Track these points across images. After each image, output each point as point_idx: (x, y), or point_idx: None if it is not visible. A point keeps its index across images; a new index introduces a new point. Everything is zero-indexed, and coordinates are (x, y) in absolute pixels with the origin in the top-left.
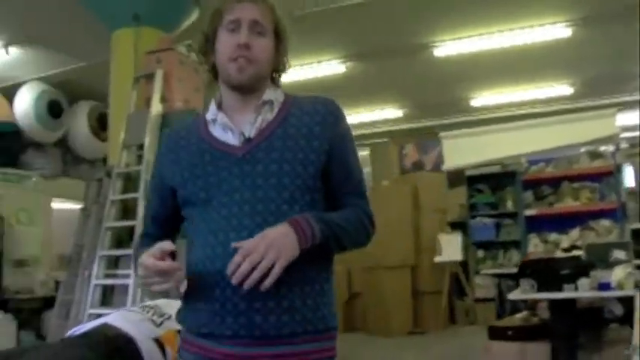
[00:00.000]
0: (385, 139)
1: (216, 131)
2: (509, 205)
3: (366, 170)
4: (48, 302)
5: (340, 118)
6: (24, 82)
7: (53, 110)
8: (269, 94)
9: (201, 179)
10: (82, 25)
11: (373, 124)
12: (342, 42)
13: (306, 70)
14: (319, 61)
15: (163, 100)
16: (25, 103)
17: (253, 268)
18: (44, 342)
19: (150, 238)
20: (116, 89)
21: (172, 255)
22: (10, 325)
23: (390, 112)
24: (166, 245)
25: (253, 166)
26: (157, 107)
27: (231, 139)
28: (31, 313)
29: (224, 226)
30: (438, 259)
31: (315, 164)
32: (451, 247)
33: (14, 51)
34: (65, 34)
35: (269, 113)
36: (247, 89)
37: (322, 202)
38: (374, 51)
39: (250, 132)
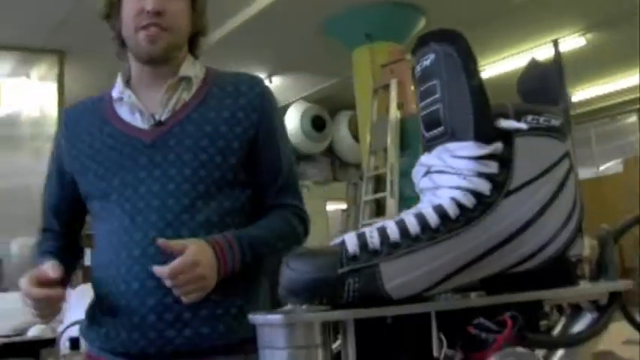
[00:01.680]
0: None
1: (123, 112)
2: None
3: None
4: None
5: (268, 99)
6: (290, 104)
7: (317, 124)
8: (186, 68)
9: (102, 167)
10: (326, 49)
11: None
12: (581, 14)
13: (545, 50)
14: (557, 38)
15: (400, 106)
16: (293, 122)
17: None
18: None
19: (52, 233)
20: (360, 100)
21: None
22: None
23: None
24: (50, 271)
25: (164, 155)
26: (394, 113)
27: (140, 122)
28: None
29: (127, 226)
30: None
31: (237, 154)
32: None
33: (276, 79)
34: (314, 58)
35: (185, 92)
36: (160, 62)
37: (244, 198)
38: (613, 18)
39: (162, 115)
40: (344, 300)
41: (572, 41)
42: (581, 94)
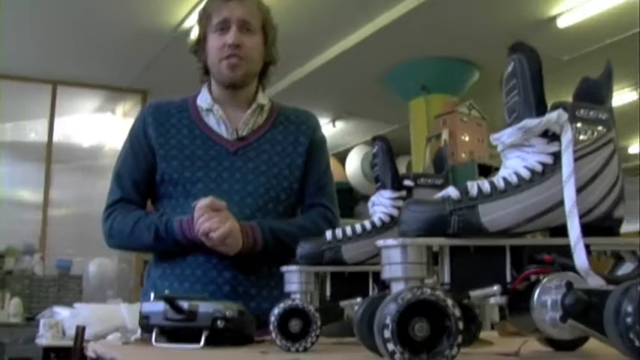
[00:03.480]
0: None
1: (210, 121)
2: None
3: None
4: None
5: (319, 130)
6: (351, 148)
7: None
8: (261, 98)
9: (188, 160)
10: (385, 98)
11: None
12: (636, 69)
13: None
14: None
15: (451, 155)
16: (353, 164)
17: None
18: None
19: (133, 204)
20: (416, 147)
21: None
22: None
23: None
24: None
25: (244, 162)
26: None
27: (225, 132)
28: None
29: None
30: None
31: (300, 168)
32: None
33: (339, 124)
34: (374, 106)
35: (260, 117)
36: (239, 87)
37: (296, 203)
38: None
39: (243, 130)
40: (451, 232)
41: (624, 95)
42: (638, 146)
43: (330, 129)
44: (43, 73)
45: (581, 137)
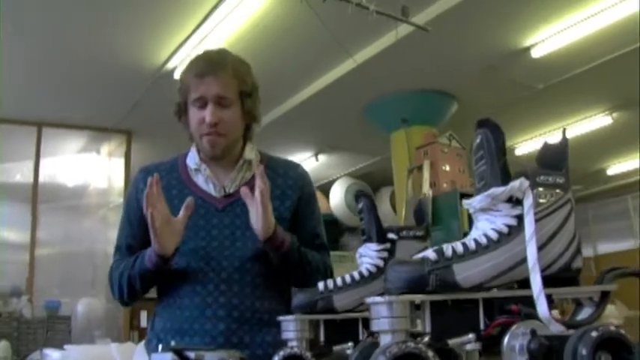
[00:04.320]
0: None
1: (199, 180)
2: None
3: None
4: None
5: (307, 182)
6: (334, 180)
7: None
8: (248, 153)
9: None
10: (367, 131)
11: None
12: (608, 95)
13: (573, 129)
14: (584, 118)
15: (432, 185)
16: (337, 196)
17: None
18: None
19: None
20: (398, 178)
21: None
22: None
23: None
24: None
25: (232, 219)
26: (427, 192)
27: (213, 191)
28: None
29: (203, 266)
30: None
31: (287, 221)
32: None
33: (322, 157)
34: (356, 139)
35: (248, 172)
36: (220, 158)
37: None
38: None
39: (230, 187)
40: (430, 288)
41: (598, 120)
42: (617, 167)
43: (313, 162)
44: (28, 114)
45: (541, 200)
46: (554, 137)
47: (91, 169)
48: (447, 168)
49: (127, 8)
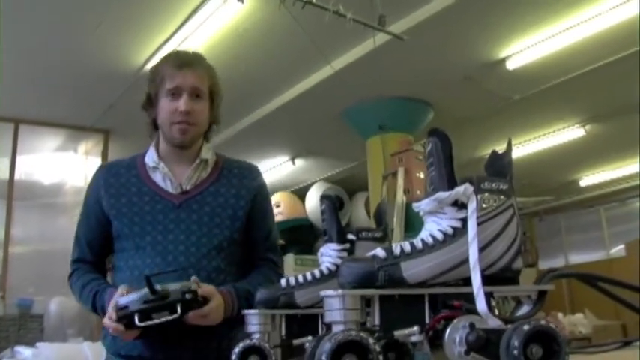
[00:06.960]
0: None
1: (156, 178)
2: None
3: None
4: None
5: (262, 183)
6: (311, 185)
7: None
8: (205, 153)
9: (137, 216)
10: (344, 136)
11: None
12: (581, 107)
13: (546, 140)
14: (558, 130)
15: (406, 191)
16: (313, 201)
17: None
18: None
19: (86, 264)
20: (372, 184)
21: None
22: None
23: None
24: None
25: (188, 215)
26: (401, 198)
27: (170, 188)
28: None
29: (160, 262)
30: None
31: (241, 220)
32: None
33: (299, 162)
34: (333, 144)
35: (204, 171)
36: (186, 146)
37: (241, 253)
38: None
39: (187, 185)
40: (379, 283)
41: (571, 132)
42: (589, 179)
43: (290, 167)
44: (6, 111)
45: (484, 205)
46: (524, 148)
47: (68, 168)
48: (422, 175)
49: (107, 9)
